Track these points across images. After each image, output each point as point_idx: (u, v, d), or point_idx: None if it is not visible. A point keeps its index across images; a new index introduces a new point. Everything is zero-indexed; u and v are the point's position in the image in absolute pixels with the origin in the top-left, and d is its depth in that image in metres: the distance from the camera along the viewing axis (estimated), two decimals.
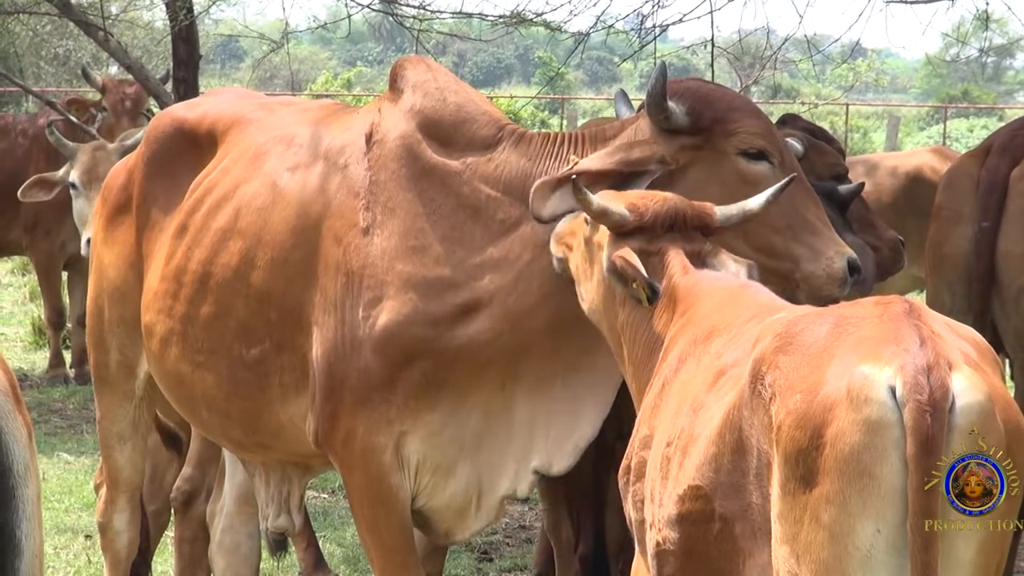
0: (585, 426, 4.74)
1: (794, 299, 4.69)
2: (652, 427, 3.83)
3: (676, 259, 4.12)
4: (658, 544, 3.63)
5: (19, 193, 9.21)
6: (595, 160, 4.58)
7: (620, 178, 4.56)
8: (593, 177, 4.52)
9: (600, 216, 4.22)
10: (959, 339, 3.21)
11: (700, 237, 4.18)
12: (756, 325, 3.63)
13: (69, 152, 9.35)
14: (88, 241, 8.64)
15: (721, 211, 4.24)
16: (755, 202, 4.31)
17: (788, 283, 4.63)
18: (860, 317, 3.25)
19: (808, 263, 4.62)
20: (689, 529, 3.52)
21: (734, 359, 3.59)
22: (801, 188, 4.67)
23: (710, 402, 3.55)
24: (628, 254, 4.09)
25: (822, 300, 4.63)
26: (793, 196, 4.59)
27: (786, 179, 4.40)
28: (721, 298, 3.97)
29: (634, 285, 4.08)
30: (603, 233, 4.24)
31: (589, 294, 4.33)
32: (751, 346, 3.51)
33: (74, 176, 9.23)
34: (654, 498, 3.68)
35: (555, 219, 4.50)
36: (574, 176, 4.29)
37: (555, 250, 4.49)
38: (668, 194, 4.27)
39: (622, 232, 4.18)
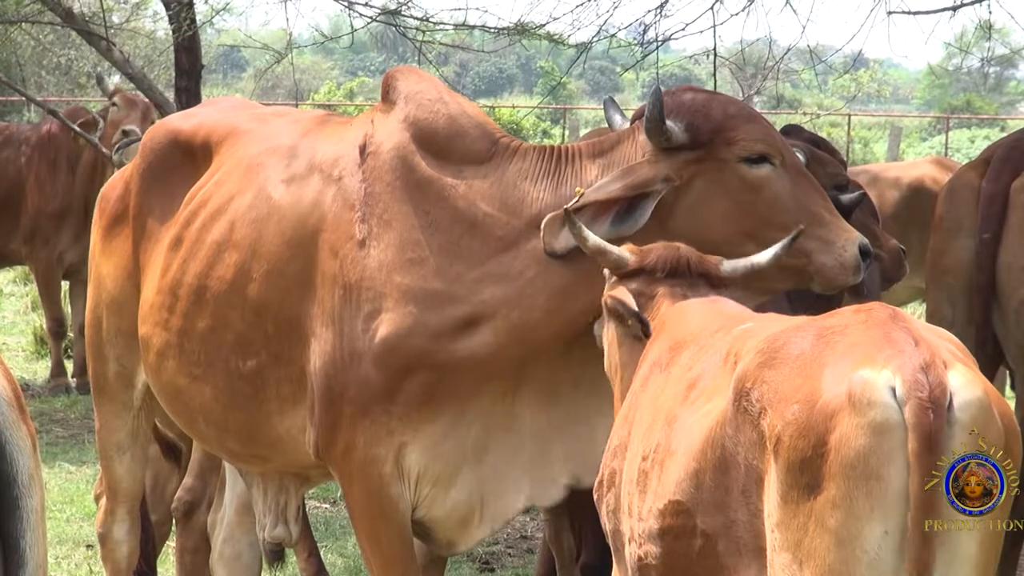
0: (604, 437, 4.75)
1: (809, 292, 4.73)
2: (622, 438, 3.85)
3: (666, 294, 4.13)
4: (640, 559, 3.64)
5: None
6: (600, 190, 4.58)
7: (627, 203, 4.57)
8: (601, 207, 4.54)
9: (597, 254, 4.25)
10: (943, 341, 3.24)
11: (705, 285, 4.16)
12: (724, 336, 3.64)
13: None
14: None
15: (728, 264, 4.23)
16: (763, 257, 4.29)
17: (802, 277, 4.63)
18: (843, 325, 3.26)
19: (820, 255, 4.59)
20: (671, 544, 3.53)
21: (705, 371, 3.60)
22: (804, 182, 4.69)
23: (685, 415, 3.55)
24: (620, 292, 4.12)
25: (837, 289, 4.69)
26: (797, 191, 4.63)
27: (794, 232, 4.36)
28: (689, 312, 4.00)
29: (629, 322, 4.10)
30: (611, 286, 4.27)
31: (605, 351, 4.34)
32: (722, 359, 3.52)
33: None
34: (632, 512, 3.68)
35: (568, 252, 4.50)
36: (570, 210, 4.32)
37: (598, 341, 4.49)
38: (677, 244, 4.26)
39: (623, 274, 4.20)
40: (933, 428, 3.02)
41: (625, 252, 4.23)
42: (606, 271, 4.34)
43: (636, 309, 4.06)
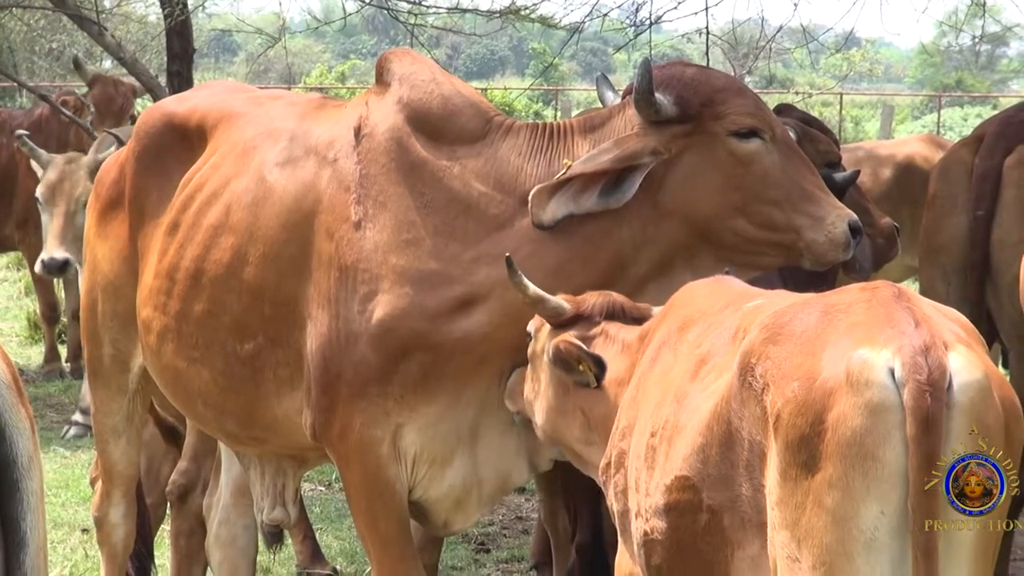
0: None
1: (799, 269, 4.75)
2: (631, 418, 3.86)
3: (609, 330, 4.20)
4: (646, 534, 3.64)
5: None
6: (588, 162, 4.59)
7: (615, 175, 4.58)
8: (588, 179, 4.55)
9: (536, 303, 4.31)
10: (948, 320, 3.24)
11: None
12: (733, 312, 3.65)
13: (43, 163, 9.23)
14: (43, 261, 8.60)
15: (657, 310, 4.27)
16: None
17: (792, 253, 4.66)
18: (848, 303, 3.26)
19: (809, 231, 4.62)
20: (677, 519, 3.54)
21: (714, 348, 3.61)
22: (795, 157, 4.70)
23: (694, 392, 3.56)
24: (569, 337, 4.17)
25: (827, 266, 4.70)
26: (787, 166, 4.64)
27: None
28: (695, 291, 4.02)
29: (580, 368, 4.12)
30: (545, 337, 4.31)
31: (542, 407, 4.37)
32: (731, 335, 3.53)
33: (38, 191, 9.01)
34: (639, 487, 3.69)
35: (557, 223, 4.51)
36: (510, 257, 4.34)
37: (511, 406, 4.57)
38: (609, 291, 4.35)
39: (560, 323, 4.27)
40: (931, 411, 3.02)
41: (563, 301, 4.29)
42: (531, 326, 4.40)
43: (589, 351, 4.11)
